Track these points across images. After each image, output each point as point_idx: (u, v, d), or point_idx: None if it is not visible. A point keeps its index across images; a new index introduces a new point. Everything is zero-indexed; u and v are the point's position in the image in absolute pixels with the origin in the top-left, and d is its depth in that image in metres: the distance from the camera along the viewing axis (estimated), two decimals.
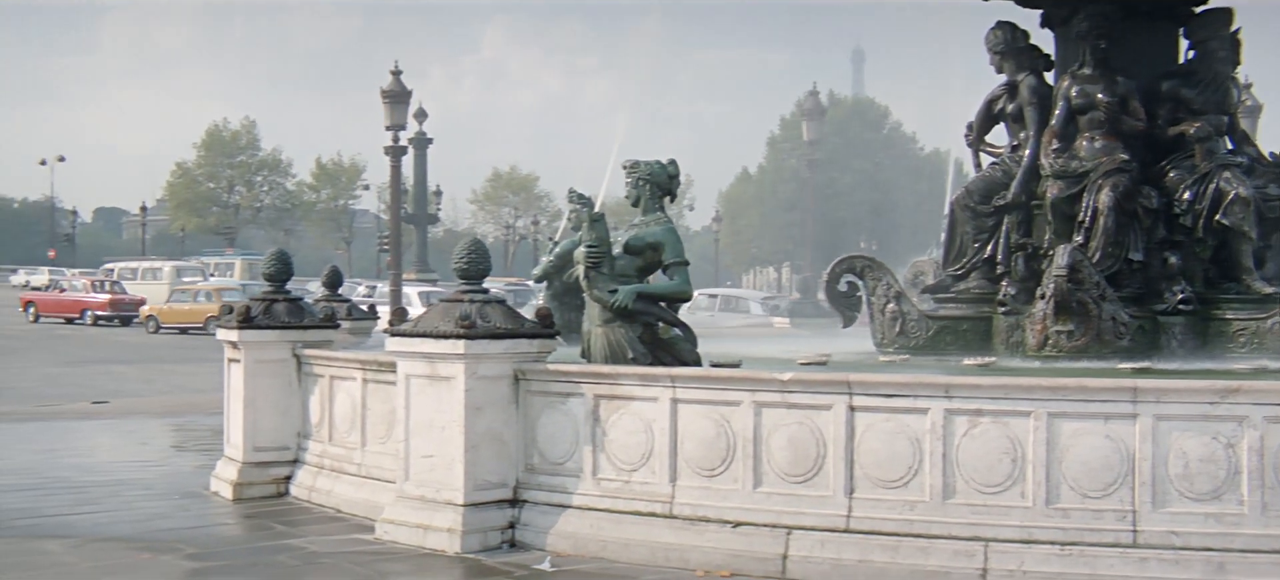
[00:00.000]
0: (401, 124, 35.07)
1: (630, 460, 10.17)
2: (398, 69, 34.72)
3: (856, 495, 9.37)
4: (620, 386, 10.28)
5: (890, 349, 14.53)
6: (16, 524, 11.79)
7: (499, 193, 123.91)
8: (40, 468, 15.46)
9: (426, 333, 10.56)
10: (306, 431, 13.22)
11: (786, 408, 9.60)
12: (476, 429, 10.46)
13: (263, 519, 12.08)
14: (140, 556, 10.41)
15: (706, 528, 9.79)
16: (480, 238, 12.14)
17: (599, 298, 11.02)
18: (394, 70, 34.72)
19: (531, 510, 10.59)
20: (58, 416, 22.49)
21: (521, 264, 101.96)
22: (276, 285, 13.67)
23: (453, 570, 9.91)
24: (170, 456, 17.12)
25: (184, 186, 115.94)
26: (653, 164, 11.52)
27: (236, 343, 13.22)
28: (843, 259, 15.57)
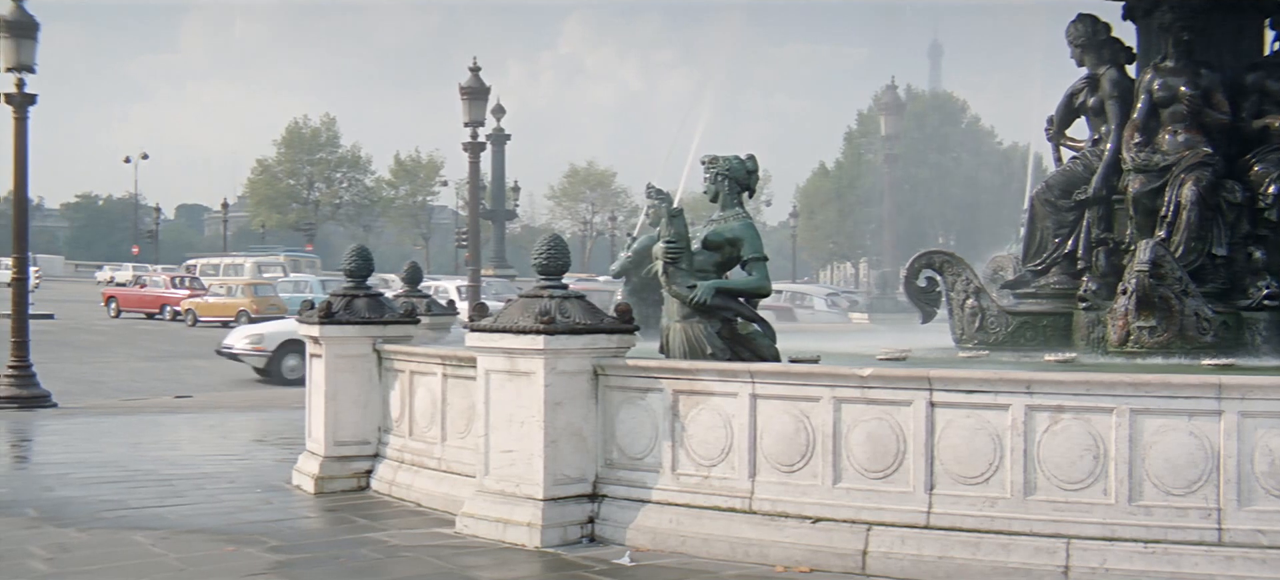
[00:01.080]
0: (480, 120, 35.19)
1: (709, 455, 10.17)
2: (476, 65, 34.87)
3: (937, 491, 9.32)
4: (699, 382, 10.29)
5: (969, 345, 14.46)
6: (106, 516, 11.96)
7: (576, 188, 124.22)
8: (127, 461, 15.67)
9: (506, 328, 10.60)
10: (387, 426, 13.30)
11: (866, 403, 9.57)
12: (556, 424, 10.50)
13: (344, 513, 12.18)
14: (225, 548, 10.53)
15: (786, 523, 9.77)
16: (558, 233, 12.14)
17: (678, 293, 11.02)
18: (473, 66, 34.86)
19: (611, 505, 10.62)
20: (142, 410, 22.81)
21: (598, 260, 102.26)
22: (357, 281, 13.76)
23: (533, 564, 9.95)
24: (252, 450, 17.30)
25: (265, 183, 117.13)
26: (731, 159, 11.51)
27: (318, 338, 13.32)
28: (922, 254, 15.51)
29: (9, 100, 23.23)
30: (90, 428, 19.57)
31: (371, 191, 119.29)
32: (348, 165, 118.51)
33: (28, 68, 23.22)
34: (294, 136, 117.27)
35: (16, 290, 24.54)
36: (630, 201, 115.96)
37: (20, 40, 23.13)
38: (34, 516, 11.96)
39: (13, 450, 18.06)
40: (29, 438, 18.95)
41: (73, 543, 10.82)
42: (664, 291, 11.35)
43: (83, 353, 38.28)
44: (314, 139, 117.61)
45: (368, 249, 14.29)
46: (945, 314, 15.01)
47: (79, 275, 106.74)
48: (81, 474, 14.63)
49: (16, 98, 23.16)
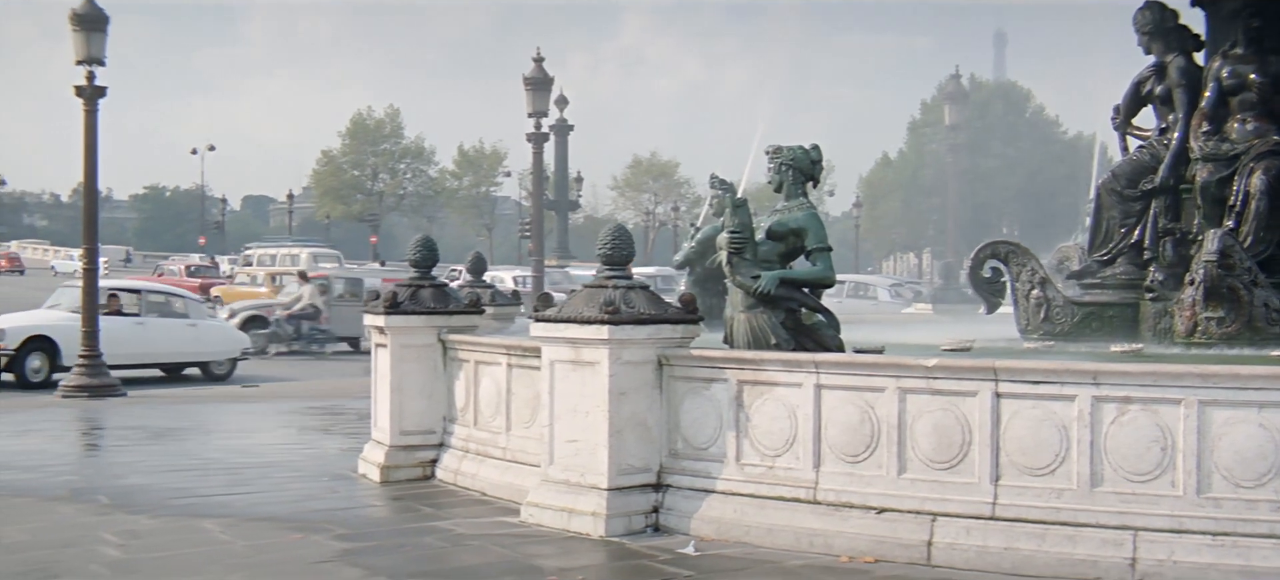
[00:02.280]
0: (543, 111, 35.28)
1: (774, 446, 10.18)
2: (540, 56, 34.96)
3: (1002, 482, 9.29)
4: (764, 372, 10.29)
5: (1035, 335, 14.39)
6: (174, 503, 12.09)
7: (639, 179, 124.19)
8: (195, 450, 15.86)
9: (571, 318, 10.64)
10: (452, 415, 13.37)
11: (931, 394, 9.54)
12: (620, 414, 10.52)
13: (410, 501, 12.25)
14: (292, 536, 10.62)
15: (850, 514, 9.77)
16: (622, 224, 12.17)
17: (742, 283, 11.03)
18: (536, 57, 34.96)
19: (675, 495, 10.64)
20: (210, 400, 23.03)
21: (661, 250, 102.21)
22: (422, 271, 13.83)
23: (597, 553, 9.98)
24: (318, 440, 17.43)
25: (329, 174, 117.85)
26: (796, 149, 11.50)
27: (383, 328, 13.41)
28: (987, 244, 15.44)
29: (79, 93, 23.49)
30: (159, 416, 19.78)
31: (435, 182, 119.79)
32: (412, 156, 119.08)
33: (98, 61, 23.47)
34: (358, 128, 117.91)
35: (87, 282, 24.82)
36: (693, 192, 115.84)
37: (91, 34, 23.39)
38: (105, 503, 12.10)
39: (83, 439, 18.29)
40: (100, 426, 19.17)
41: (143, 529, 10.95)
42: (728, 282, 11.36)
43: None
44: (378, 130, 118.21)
45: (433, 239, 14.35)
46: (1010, 305, 14.94)
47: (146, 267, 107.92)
48: (150, 462, 14.81)
49: (87, 90, 23.41)
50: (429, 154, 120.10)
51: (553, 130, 51.59)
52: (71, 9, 23.51)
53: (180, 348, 28.83)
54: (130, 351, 27.07)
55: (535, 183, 38.96)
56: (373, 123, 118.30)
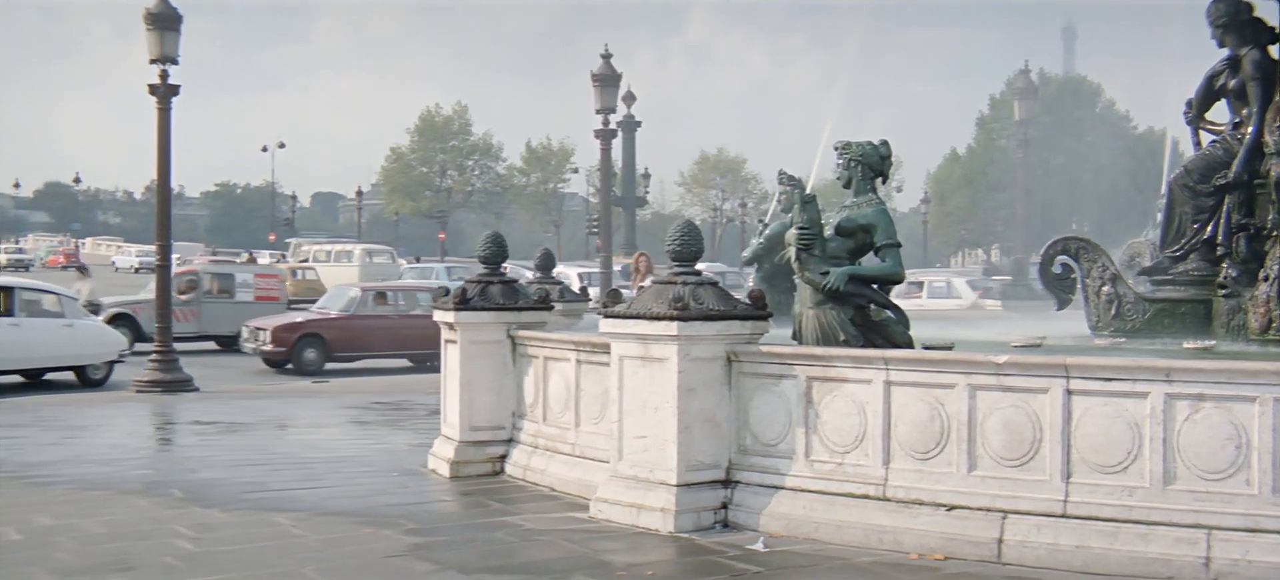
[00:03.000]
0: (611, 107, 35.26)
1: (843, 442, 10.16)
2: (608, 52, 34.96)
3: (1073, 480, 9.23)
4: (833, 368, 10.28)
5: (1105, 332, 14.30)
6: (247, 497, 12.22)
7: (706, 175, 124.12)
8: (266, 444, 16.01)
9: (640, 314, 10.67)
10: (521, 411, 13.42)
11: (1001, 391, 9.50)
12: (689, 410, 10.54)
13: (479, 496, 12.32)
14: (363, 530, 10.71)
15: (920, 511, 9.74)
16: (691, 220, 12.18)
17: (811, 280, 11.02)
18: (604, 53, 34.95)
19: (744, 491, 10.64)
20: (281, 395, 23.21)
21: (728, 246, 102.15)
22: (491, 268, 13.89)
23: (666, 549, 10.00)
24: (386, 435, 17.53)
25: (398, 171, 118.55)
26: (865, 145, 11.48)
27: (453, 324, 13.48)
28: (1057, 240, 15.34)
29: (153, 91, 23.71)
30: (231, 411, 19.96)
31: (503, 179, 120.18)
32: (480, 153, 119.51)
33: (171, 59, 23.68)
34: (427, 125, 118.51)
35: (160, 278, 25.08)
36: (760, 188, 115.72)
37: (164, 32, 23.59)
38: (179, 497, 12.25)
39: (157, 433, 18.49)
40: (173, 421, 19.37)
41: (216, 523, 11.08)
42: (796, 278, 11.36)
43: None
44: (446, 127, 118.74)
45: (502, 235, 14.39)
46: (1081, 301, 14.84)
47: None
48: (223, 456, 14.98)
49: (160, 89, 23.63)
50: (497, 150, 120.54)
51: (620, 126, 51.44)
52: (145, 8, 23.73)
53: (56, 351, 26.48)
54: (3, 356, 25.56)
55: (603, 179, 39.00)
56: (441, 120, 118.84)
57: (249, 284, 37.96)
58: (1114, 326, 14.29)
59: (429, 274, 59.15)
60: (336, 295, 33.79)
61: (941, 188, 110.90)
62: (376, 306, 32.13)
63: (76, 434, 17.20)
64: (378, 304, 32.27)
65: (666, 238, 11.29)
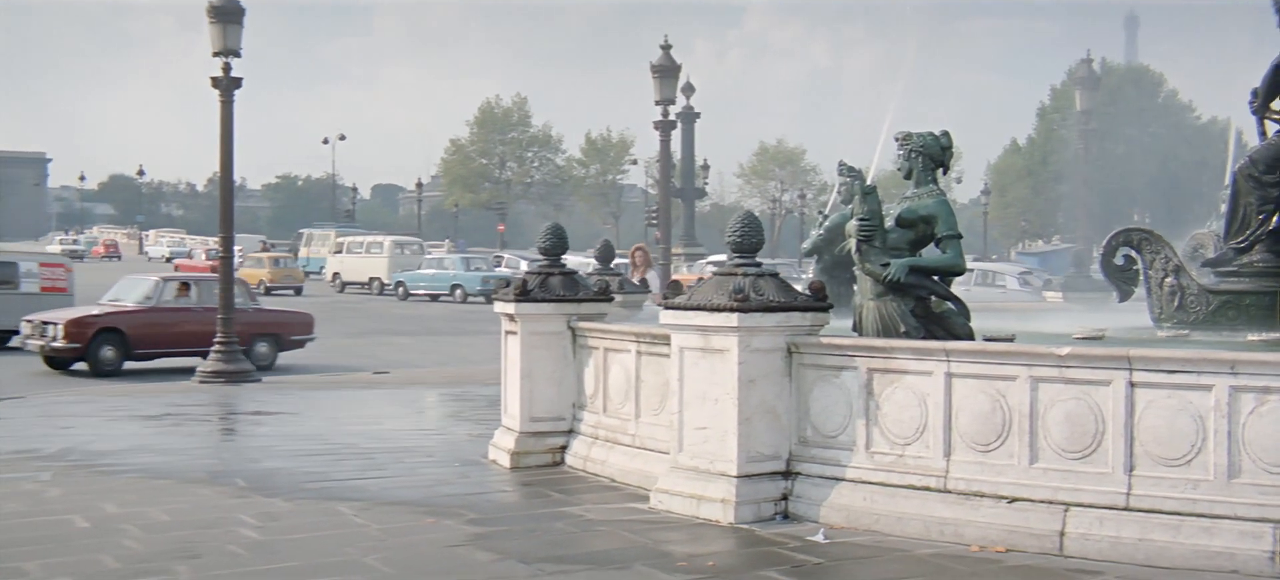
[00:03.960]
0: (671, 98, 35.21)
1: (903, 434, 10.15)
2: (667, 43, 34.93)
3: (1136, 473, 9.18)
4: (894, 360, 10.26)
5: (1168, 324, 14.19)
6: (310, 487, 12.32)
7: (765, 166, 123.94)
8: (329, 434, 16.12)
9: (700, 305, 10.68)
10: (581, 402, 13.46)
11: (1064, 383, 9.45)
12: (749, 401, 10.55)
13: (540, 487, 12.37)
14: (425, 520, 10.78)
15: (981, 503, 9.71)
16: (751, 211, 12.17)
17: (871, 271, 11.01)
18: (664, 44, 34.91)
19: (804, 482, 10.64)
20: (342, 385, 23.36)
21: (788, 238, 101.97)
22: (552, 259, 13.92)
23: (727, 540, 10.02)
24: (448, 425, 17.65)
25: (458, 163, 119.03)
26: (925, 135, 11.44)
27: (513, 315, 13.52)
28: (1119, 232, 15.24)
29: (216, 84, 23.91)
30: (293, 402, 20.11)
31: (562, 170, 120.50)
32: (539, 144, 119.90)
33: (234, 52, 23.86)
34: (487, 116, 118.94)
35: (222, 269, 25.30)
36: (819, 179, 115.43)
37: (227, 25, 23.78)
38: (243, 486, 12.37)
39: (221, 423, 18.65)
40: (236, 411, 19.54)
41: (280, 512, 11.18)
42: (857, 269, 11.34)
43: None
44: (506, 119, 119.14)
45: (562, 227, 14.43)
46: (1143, 293, 14.74)
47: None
48: (286, 446, 15.10)
49: (223, 81, 23.83)
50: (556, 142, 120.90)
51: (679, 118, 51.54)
52: (209, 1, 23.90)
53: None
54: None
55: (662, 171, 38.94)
56: (501, 111, 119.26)
57: (35, 274, 33.29)
58: (1177, 318, 14.18)
59: (441, 263, 60.27)
60: (131, 285, 29.78)
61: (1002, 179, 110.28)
62: (179, 298, 28.45)
63: (141, 423, 17.35)
64: (180, 295, 28.52)
65: (727, 229, 11.30)
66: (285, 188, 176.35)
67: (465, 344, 34.77)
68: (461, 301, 56.68)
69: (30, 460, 13.91)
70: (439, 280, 59.02)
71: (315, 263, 77.04)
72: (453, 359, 30.76)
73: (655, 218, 46.65)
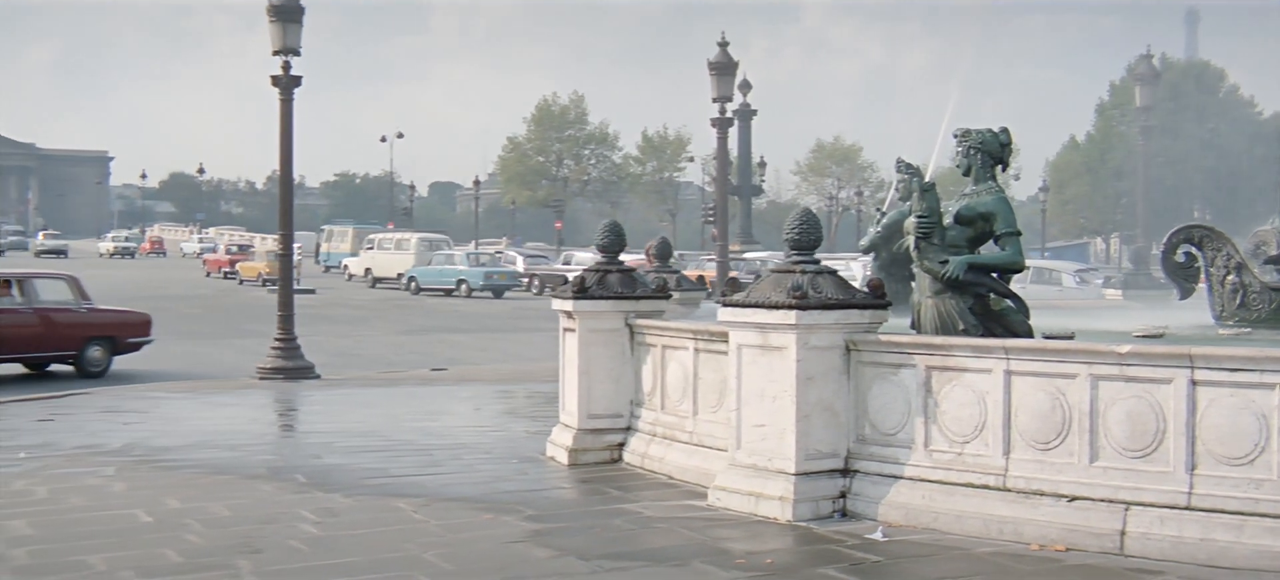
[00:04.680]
0: (728, 95, 35.10)
1: (962, 432, 10.11)
2: (725, 40, 34.86)
3: (1198, 472, 9.11)
4: (952, 358, 10.22)
5: (1230, 322, 14.08)
6: (369, 483, 12.39)
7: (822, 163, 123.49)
8: (387, 431, 16.19)
9: (758, 303, 10.68)
10: (639, 399, 13.48)
11: (1124, 381, 9.39)
12: (808, 399, 10.54)
13: (597, 484, 12.41)
14: (483, 516, 10.83)
15: (1041, 501, 9.67)
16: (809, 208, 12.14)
17: (930, 268, 10.97)
18: (721, 41, 34.84)
19: (862, 480, 10.63)
20: (400, 382, 23.45)
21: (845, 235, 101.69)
22: (609, 256, 13.95)
23: (785, 538, 10.01)
24: (505, 422, 17.72)
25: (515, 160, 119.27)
26: (984, 132, 11.40)
27: (571, 312, 13.55)
28: (1180, 229, 15.11)
29: (275, 83, 24.05)
30: (351, 399, 20.26)
31: (619, 168, 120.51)
32: (596, 142, 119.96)
33: (294, 51, 24.00)
34: (543, 114, 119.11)
35: (282, 266, 25.46)
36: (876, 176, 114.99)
37: (287, 24, 23.92)
38: (303, 482, 12.46)
39: (280, 419, 18.79)
40: (295, 408, 19.69)
41: (339, 507, 11.26)
42: (915, 267, 11.31)
43: (342, 327, 39.54)
44: (563, 116, 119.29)
45: (620, 225, 14.45)
46: (1204, 290, 14.62)
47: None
48: (345, 443, 15.18)
49: (283, 80, 23.97)
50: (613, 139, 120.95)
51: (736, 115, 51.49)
52: (269, 1, 24.04)
53: None
54: None
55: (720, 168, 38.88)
56: (558, 109, 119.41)
57: None
58: (1239, 316, 14.06)
59: (450, 260, 61.65)
60: None
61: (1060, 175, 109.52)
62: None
63: (202, 419, 17.50)
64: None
65: (785, 226, 11.29)
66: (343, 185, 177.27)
67: (522, 341, 34.80)
68: (466, 296, 58.06)
69: (94, 455, 14.06)
70: (446, 275, 60.52)
71: (335, 257, 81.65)
72: (509, 356, 30.85)
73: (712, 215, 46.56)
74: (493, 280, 59.32)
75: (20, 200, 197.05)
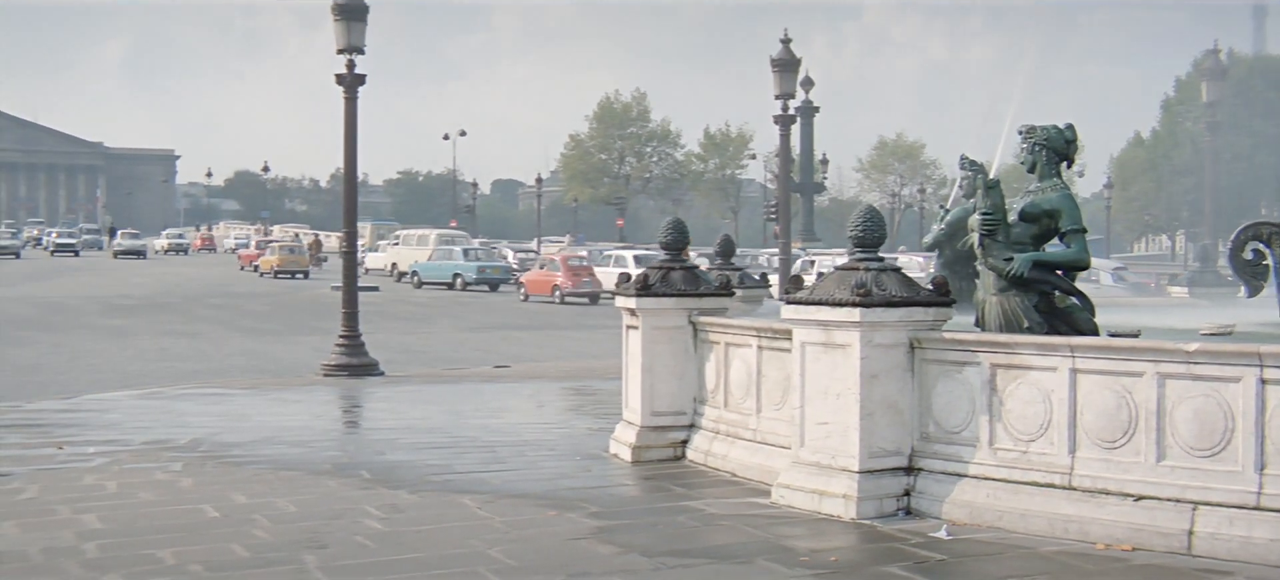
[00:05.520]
0: (791, 92, 35.05)
1: (1027, 430, 10.05)
2: (787, 37, 34.79)
3: (1268, 472, 9.00)
4: (1017, 355, 10.17)
5: None
6: (433, 479, 12.46)
7: (884, 160, 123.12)
8: (451, 428, 16.27)
9: (822, 300, 10.66)
10: (702, 397, 13.47)
11: (1192, 379, 9.30)
12: (872, 397, 10.51)
13: (661, 481, 12.41)
14: (547, 513, 10.86)
15: (1107, 501, 9.60)
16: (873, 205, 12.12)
17: (994, 266, 10.93)
18: (784, 38, 34.79)
19: (926, 478, 10.59)
20: (463, 379, 23.55)
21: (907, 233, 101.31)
22: (673, 254, 13.94)
23: (849, 536, 9.99)
24: (568, 419, 17.76)
25: (577, 158, 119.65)
26: (1050, 129, 11.34)
27: (634, 310, 13.56)
28: (1249, 226, 14.97)
29: (340, 81, 24.17)
30: (415, 395, 20.36)
31: (681, 165, 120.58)
32: (658, 139, 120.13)
33: (358, 49, 24.10)
34: (606, 112, 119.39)
35: (346, 263, 25.60)
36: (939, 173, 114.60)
37: (351, 23, 24.03)
38: (368, 478, 12.54)
39: (345, 416, 18.91)
40: (359, 404, 19.82)
41: (404, 503, 11.33)
42: (979, 264, 11.26)
43: (405, 324, 39.79)
44: (625, 114, 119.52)
45: (683, 222, 14.45)
46: (1273, 288, 14.47)
47: None
48: (409, 439, 15.28)
49: (347, 78, 24.09)
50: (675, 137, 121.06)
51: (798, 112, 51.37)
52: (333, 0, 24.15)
53: None
54: None
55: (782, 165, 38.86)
56: (620, 106, 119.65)
57: None
58: None
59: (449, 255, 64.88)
60: None
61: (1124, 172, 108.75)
62: None
63: (268, 416, 17.64)
64: None
65: (849, 223, 11.27)
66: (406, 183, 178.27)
67: (584, 339, 34.89)
68: (461, 290, 60.07)
69: (163, 451, 14.21)
70: (444, 270, 62.83)
71: None
72: (571, 353, 30.94)
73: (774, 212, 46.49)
74: (486, 274, 62.20)
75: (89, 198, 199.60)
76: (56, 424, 16.64)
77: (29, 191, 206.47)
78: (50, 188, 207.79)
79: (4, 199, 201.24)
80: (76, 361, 28.57)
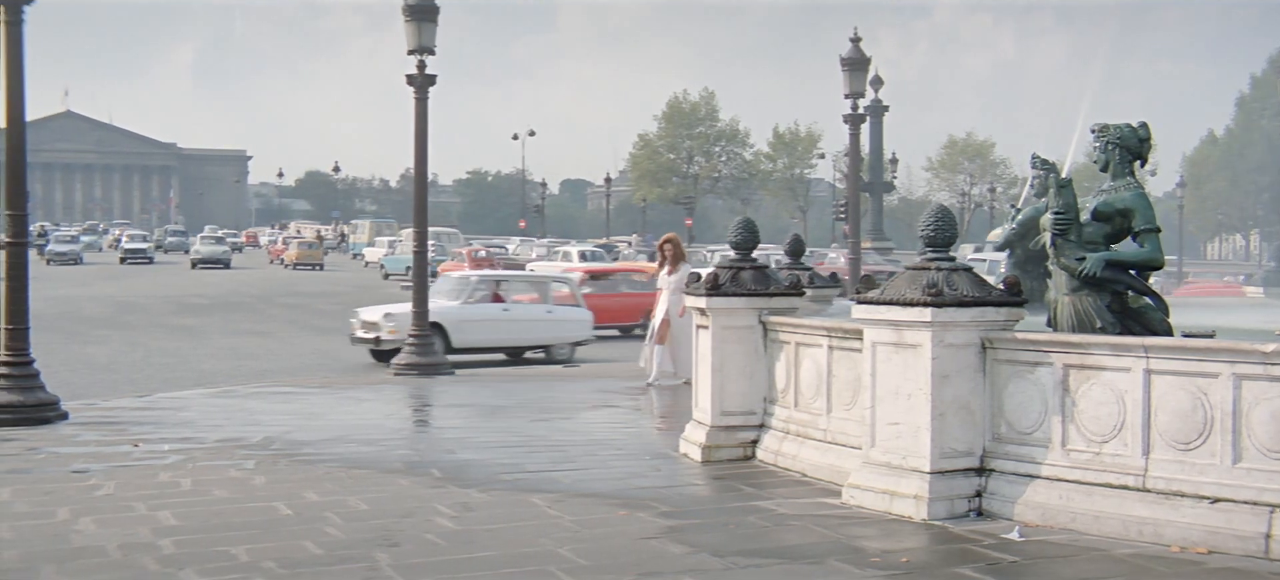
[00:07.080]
0: (860, 92, 34.89)
1: (1100, 431, 9.97)
2: (857, 36, 34.68)
3: None
4: (1090, 356, 10.09)
5: None
6: (504, 478, 12.50)
7: (954, 159, 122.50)
8: (521, 427, 16.34)
9: (893, 300, 10.62)
10: (772, 397, 13.45)
11: (1269, 380, 9.19)
12: (943, 397, 10.47)
13: (731, 481, 12.40)
14: (618, 512, 10.88)
15: (1181, 503, 9.51)
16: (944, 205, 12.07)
17: (1066, 266, 10.86)
18: (853, 37, 34.68)
19: (998, 479, 10.53)
20: (532, 379, 23.62)
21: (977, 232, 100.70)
22: (743, 253, 13.92)
23: (920, 536, 9.95)
24: (636, 419, 17.77)
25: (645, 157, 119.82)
26: (1123, 127, 11.24)
27: (705, 310, 13.56)
28: None
29: (410, 82, 24.24)
30: (485, 394, 20.42)
31: (750, 165, 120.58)
32: (727, 139, 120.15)
33: (428, 50, 24.16)
34: (674, 111, 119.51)
35: (417, 263, 25.70)
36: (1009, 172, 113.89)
37: (422, 23, 24.09)
38: (438, 477, 12.60)
39: (415, 414, 19.02)
40: (430, 403, 19.90)
41: (474, 502, 11.37)
42: (1051, 264, 11.20)
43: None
44: (693, 113, 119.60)
45: (753, 221, 14.43)
46: None
47: None
48: (479, 439, 15.37)
49: (417, 79, 24.16)
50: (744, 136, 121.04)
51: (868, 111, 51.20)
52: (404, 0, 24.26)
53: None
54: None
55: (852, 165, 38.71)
56: (688, 106, 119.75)
57: None
58: None
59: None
60: None
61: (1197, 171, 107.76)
62: None
63: (340, 414, 17.76)
64: None
65: (919, 223, 11.23)
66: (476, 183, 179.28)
67: None
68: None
69: (236, 449, 14.33)
70: (401, 261, 65.48)
71: (358, 247, 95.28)
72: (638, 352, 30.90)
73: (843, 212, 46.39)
74: None
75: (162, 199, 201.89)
76: (131, 422, 16.85)
77: (104, 192, 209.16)
78: (124, 188, 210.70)
79: (80, 199, 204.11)
80: (150, 359, 28.92)
